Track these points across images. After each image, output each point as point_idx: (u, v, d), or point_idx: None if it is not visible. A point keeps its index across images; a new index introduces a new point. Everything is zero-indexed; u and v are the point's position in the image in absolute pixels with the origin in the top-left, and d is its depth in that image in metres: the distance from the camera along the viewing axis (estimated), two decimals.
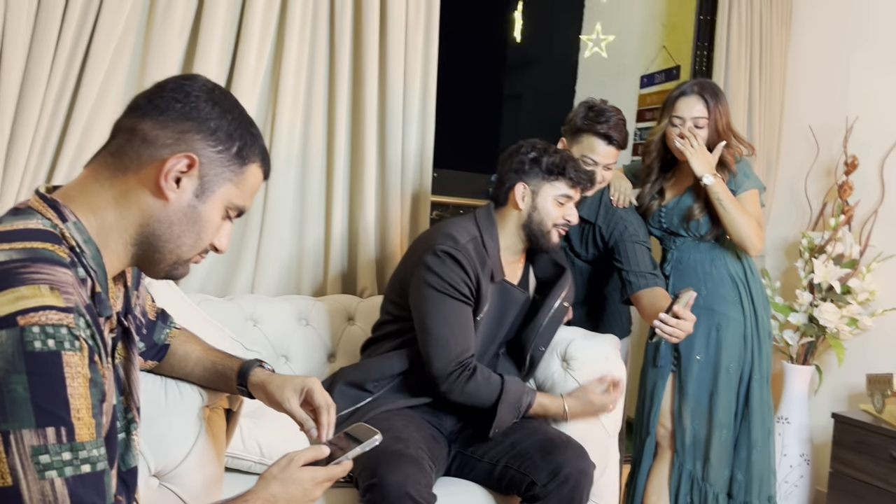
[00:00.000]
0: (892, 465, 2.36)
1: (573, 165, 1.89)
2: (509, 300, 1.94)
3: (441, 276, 1.78)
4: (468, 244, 1.83)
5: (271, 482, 1.04)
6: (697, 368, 2.20)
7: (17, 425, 0.75)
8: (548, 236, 1.91)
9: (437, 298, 1.78)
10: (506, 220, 1.93)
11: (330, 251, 2.41)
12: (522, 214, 1.91)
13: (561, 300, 1.98)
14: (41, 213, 0.90)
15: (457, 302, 1.79)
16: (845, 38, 3.04)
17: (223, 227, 1.02)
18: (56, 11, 1.89)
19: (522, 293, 1.97)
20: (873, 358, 2.81)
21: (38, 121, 1.90)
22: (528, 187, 1.89)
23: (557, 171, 1.87)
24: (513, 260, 1.98)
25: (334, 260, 2.41)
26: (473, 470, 1.83)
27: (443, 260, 1.78)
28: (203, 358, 1.34)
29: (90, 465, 0.79)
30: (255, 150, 1.00)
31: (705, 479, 2.19)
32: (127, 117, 0.96)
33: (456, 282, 1.78)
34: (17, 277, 0.79)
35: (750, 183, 2.20)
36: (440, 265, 1.78)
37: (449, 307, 1.78)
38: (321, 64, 2.36)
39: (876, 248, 2.83)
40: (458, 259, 1.78)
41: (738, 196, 2.19)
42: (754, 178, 2.22)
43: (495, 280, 1.89)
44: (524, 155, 1.90)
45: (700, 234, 2.22)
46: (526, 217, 1.90)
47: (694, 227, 2.21)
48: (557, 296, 1.98)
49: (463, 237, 1.83)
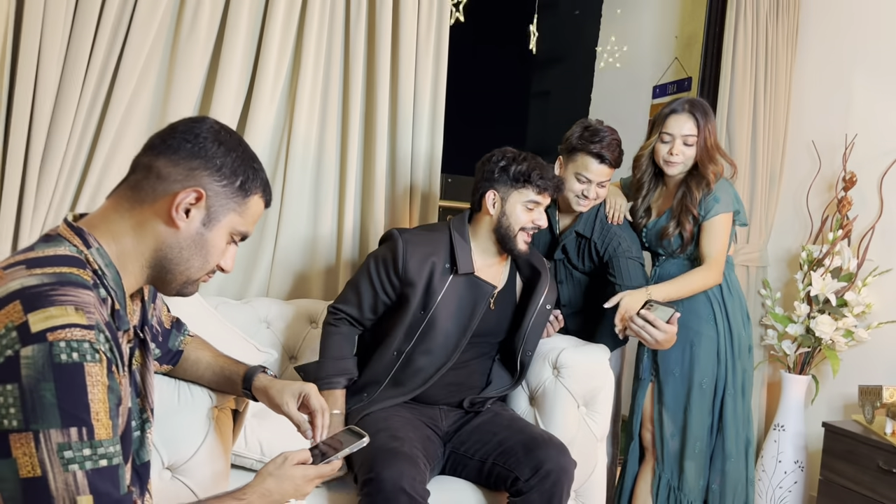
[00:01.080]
0: (880, 475, 2.43)
1: (539, 173, 1.99)
2: (480, 294, 2.04)
3: (374, 254, 2.06)
4: (419, 234, 2.04)
5: (267, 478, 1.18)
6: (673, 382, 2.29)
7: (45, 426, 0.88)
8: (515, 240, 2.02)
9: (362, 267, 2.07)
10: (480, 225, 2.06)
11: (342, 257, 2.53)
12: (493, 219, 2.03)
13: (541, 303, 2.09)
14: (69, 240, 1.03)
15: (370, 278, 2.02)
16: (848, 57, 3.09)
17: (228, 250, 1.15)
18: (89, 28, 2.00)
19: (491, 287, 2.07)
20: (869, 369, 2.88)
21: (70, 135, 2.01)
22: (498, 194, 2.02)
23: (524, 178, 1.98)
24: (492, 262, 2.09)
25: (345, 265, 2.54)
26: (465, 468, 1.95)
27: (385, 239, 2.08)
28: (212, 363, 1.48)
29: (107, 460, 0.92)
30: (256, 183, 1.13)
31: (680, 489, 2.28)
32: (144, 155, 1.09)
33: (378, 262, 2.01)
34: (48, 299, 0.92)
35: (720, 207, 2.23)
36: (382, 240, 2.11)
37: (362, 275, 2.04)
38: (335, 79, 2.49)
39: (873, 262, 2.89)
40: (394, 242, 1.99)
41: (707, 222, 2.23)
42: (726, 201, 2.25)
43: (459, 272, 2.00)
44: (494, 164, 2.03)
45: (672, 250, 2.30)
46: (496, 222, 2.03)
47: (667, 245, 2.29)
48: (538, 299, 2.09)
49: (421, 230, 2.08)
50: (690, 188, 2.25)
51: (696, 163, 2.24)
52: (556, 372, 2.08)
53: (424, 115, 2.59)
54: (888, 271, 2.85)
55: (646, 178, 2.36)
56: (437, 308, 1.98)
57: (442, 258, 2.00)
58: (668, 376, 2.30)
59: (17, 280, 0.94)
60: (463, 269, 2.01)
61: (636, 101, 4.32)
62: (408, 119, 2.55)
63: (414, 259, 1.97)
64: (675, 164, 2.25)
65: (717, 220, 2.23)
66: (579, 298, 2.46)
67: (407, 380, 2.01)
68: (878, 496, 2.44)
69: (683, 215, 2.24)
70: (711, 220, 2.23)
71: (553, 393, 2.06)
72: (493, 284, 2.07)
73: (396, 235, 2.01)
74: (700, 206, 2.22)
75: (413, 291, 1.97)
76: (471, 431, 1.99)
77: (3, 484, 0.89)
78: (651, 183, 2.38)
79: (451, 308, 2.00)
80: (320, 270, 2.53)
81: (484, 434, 1.96)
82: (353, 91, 2.49)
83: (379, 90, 2.50)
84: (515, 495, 1.84)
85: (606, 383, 2.08)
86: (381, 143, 2.52)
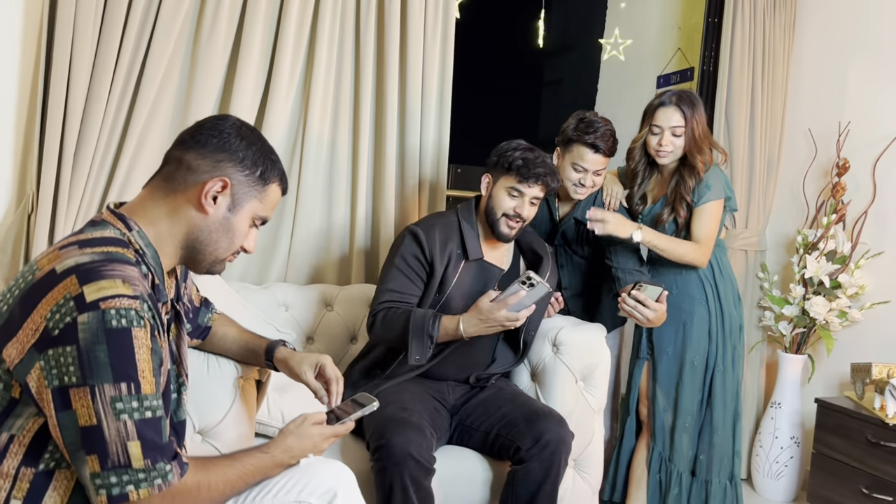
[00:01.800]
0: (869, 448, 2.55)
1: (526, 164, 2.09)
2: (489, 278, 2.19)
3: (397, 245, 2.13)
4: (437, 224, 2.14)
5: (288, 436, 1.32)
6: (666, 360, 2.42)
7: (99, 381, 1.03)
8: (498, 223, 2.15)
9: (389, 261, 2.13)
10: (481, 208, 2.21)
11: (354, 244, 2.67)
12: (485, 201, 2.19)
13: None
14: (113, 224, 1.18)
15: (401, 268, 2.09)
16: (843, 47, 3.19)
17: (251, 233, 1.29)
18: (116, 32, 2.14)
19: (500, 270, 2.21)
20: (862, 348, 2.99)
21: (101, 128, 2.15)
22: (491, 178, 2.17)
23: (510, 165, 2.11)
24: (497, 245, 2.22)
25: (358, 252, 2.68)
26: (471, 438, 2.09)
27: (405, 235, 2.13)
28: (238, 338, 1.64)
29: (151, 412, 1.08)
30: (274, 172, 1.28)
31: (671, 460, 2.41)
32: (175, 149, 1.24)
33: (405, 253, 2.09)
34: (99, 273, 1.07)
35: (711, 194, 2.34)
36: (402, 238, 2.14)
37: (394, 270, 2.10)
38: (347, 76, 2.62)
39: (866, 245, 2.99)
40: (416, 235, 2.10)
41: (698, 208, 2.35)
42: (718, 188, 2.36)
43: (470, 258, 2.14)
44: (497, 151, 2.18)
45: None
46: (486, 204, 2.19)
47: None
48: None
49: (433, 220, 2.18)
50: (683, 177, 2.36)
51: (686, 154, 2.35)
52: (556, 349, 2.21)
53: (432, 109, 2.72)
54: (880, 254, 2.95)
55: (640, 168, 2.47)
56: (451, 292, 2.12)
57: (456, 245, 2.14)
58: (661, 354, 2.43)
59: (71, 258, 1.08)
60: (473, 256, 2.15)
61: (641, 92, 4.42)
62: (416, 112, 2.68)
63: (437, 248, 2.11)
64: (664, 154, 2.36)
65: (708, 206, 2.35)
66: (579, 282, 2.59)
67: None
68: (867, 468, 2.55)
69: (678, 202, 2.36)
70: (703, 206, 2.35)
71: (553, 369, 2.19)
72: (500, 268, 2.20)
73: (416, 230, 2.12)
74: (693, 193, 2.34)
75: (434, 278, 2.12)
76: (476, 405, 2.13)
77: (65, 432, 1.04)
78: (645, 172, 2.49)
79: (462, 291, 2.14)
80: (334, 258, 2.68)
81: (489, 407, 2.10)
82: (363, 87, 2.62)
83: (388, 85, 2.63)
84: (517, 463, 1.98)
85: (603, 360, 2.21)
86: (391, 136, 2.65)
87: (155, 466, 1.07)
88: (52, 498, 1.09)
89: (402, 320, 2.01)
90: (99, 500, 1.05)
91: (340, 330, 2.48)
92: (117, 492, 1.05)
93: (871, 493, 2.51)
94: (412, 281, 2.11)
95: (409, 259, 2.11)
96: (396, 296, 2.09)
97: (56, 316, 1.04)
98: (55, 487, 1.09)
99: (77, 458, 1.05)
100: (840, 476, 2.65)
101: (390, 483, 1.79)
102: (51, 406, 1.04)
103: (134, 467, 1.05)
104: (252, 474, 1.25)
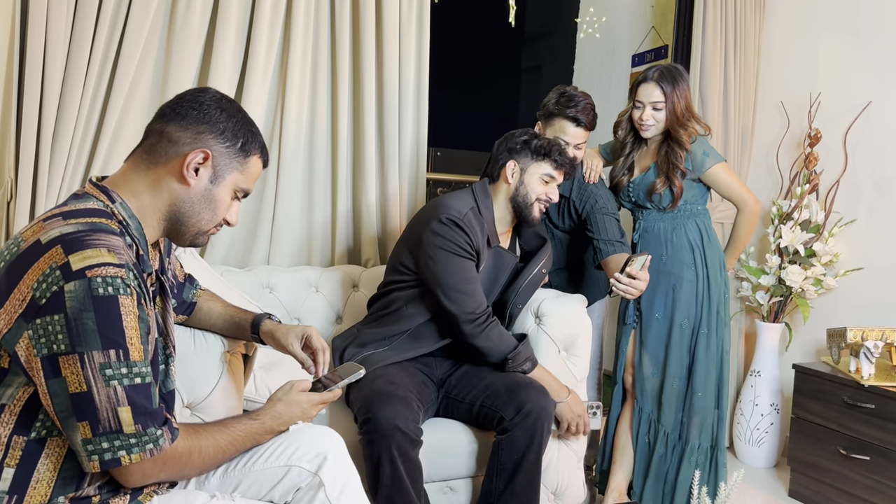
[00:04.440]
0: (845, 409, 2.61)
1: (558, 150, 2.17)
2: (502, 264, 2.23)
3: (449, 239, 2.05)
4: (468, 213, 2.12)
5: (277, 403, 1.35)
6: (655, 325, 2.47)
7: (88, 348, 1.05)
8: (531, 208, 2.18)
9: (450, 258, 2.05)
10: (498, 194, 2.21)
11: (336, 226, 2.69)
12: (511, 188, 2.19)
13: (540, 267, 2.26)
14: (95, 196, 1.19)
15: (465, 260, 2.08)
16: (813, 19, 3.24)
17: (233, 205, 1.31)
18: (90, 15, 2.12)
19: (513, 257, 2.26)
20: (837, 314, 3.06)
21: (78, 114, 2.14)
22: (518, 165, 2.18)
23: (544, 152, 2.16)
24: (504, 230, 2.26)
25: (340, 234, 2.69)
26: (457, 410, 2.12)
27: (448, 226, 2.06)
28: (223, 312, 1.65)
29: (140, 378, 1.09)
30: (255, 145, 1.29)
31: (659, 421, 2.47)
32: (156, 122, 1.25)
33: (461, 243, 2.07)
34: (84, 243, 1.08)
35: (711, 160, 2.43)
36: (447, 230, 2.06)
37: (461, 264, 2.06)
38: (324, 57, 2.62)
39: (839, 214, 3.06)
40: (460, 224, 2.07)
41: (709, 173, 2.42)
42: (713, 153, 2.45)
43: (491, 245, 2.17)
44: (518, 138, 2.20)
45: (662, 206, 2.47)
46: (514, 191, 2.19)
47: (657, 199, 2.46)
48: (538, 263, 2.26)
49: (463, 207, 2.13)
50: (672, 147, 2.41)
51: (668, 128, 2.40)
52: (539, 320, 2.25)
53: (410, 90, 2.73)
54: (853, 222, 3.02)
55: (628, 140, 2.53)
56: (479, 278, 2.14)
57: (485, 234, 2.16)
58: (650, 320, 2.47)
59: (56, 229, 1.10)
60: (493, 243, 2.19)
61: (616, 70, 4.46)
62: (394, 94, 2.69)
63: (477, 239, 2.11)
64: (647, 128, 2.42)
65: (716, 170, 2.43)
66: (561, 256, 2.62)
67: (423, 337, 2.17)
68: (844, 429, 2.62)
69: (672, 171, 2.41)
70: (712, 172, 2.43)
71: (536, 339, 2.23)
72: (512, 254, 2.25)
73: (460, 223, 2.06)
74: (688, 162, 2.40)
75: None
76: (460, 376, 2.16)
77: (55, 399, 1.05)
78: (633, 144, 2.55)
79: (483, 277, 2.17)
80: (317, 239, 2.68)
81: (472, 379, 2.13)
82: (340, 69, 2.62)
83: (365, 67, 2.63)
84: (501, 433, 2.01)
85: (584, 330, 2.25)
86: (370, 118, 2.66)
87: (146, 431, 1.09)
88: (45, 465, 1.11)
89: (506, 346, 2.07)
90: (91, 466, 1.07)
91: (326, 311, 2.50)
92: (109, 457, 1.07)
93: (849, 454, 2.58)
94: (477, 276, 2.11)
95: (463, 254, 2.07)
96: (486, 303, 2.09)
97: (43, 285, 1.05)
98: (47, 455, 1.11)
99: (68, 425, 1.06)
100: (818, 439, 2.71)
101: (378, 455, 1.82)
102: (40, 374, 1.05)
103: (125, 432, 1.07)
104: (242, 440, 1.27)
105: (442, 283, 2.05)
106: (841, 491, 2.64)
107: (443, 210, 2.09)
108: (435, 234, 2.06)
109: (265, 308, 2.29)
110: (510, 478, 1.98)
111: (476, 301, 2.05)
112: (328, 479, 1.30)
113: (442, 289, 2.05)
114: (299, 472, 1.31)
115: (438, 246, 2.05)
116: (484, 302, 2.08)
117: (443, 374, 2.20)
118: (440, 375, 2.20)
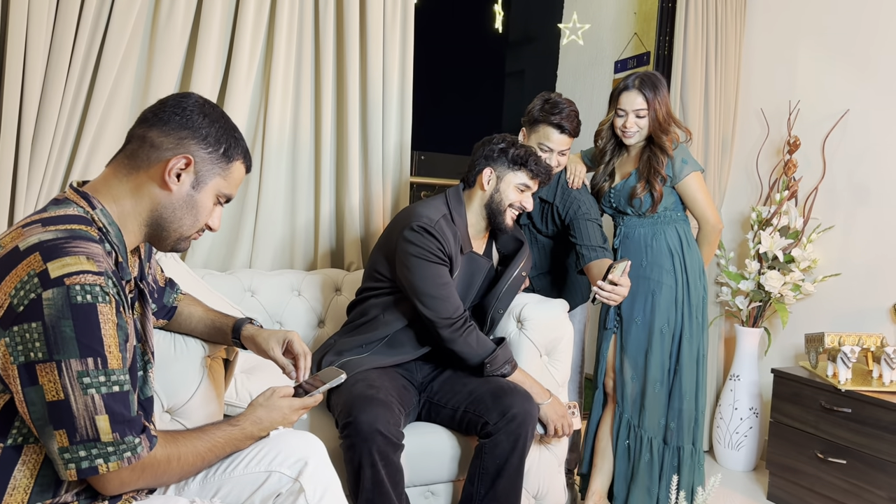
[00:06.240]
0: (822, 413, 2.65)
1: (535, 160, 2.18)
2: (477, 269, 2.23)
3: (421, 246, 2.06)
4: (440, 220, 2.12)
5: (258, 408, 1.35)
6: (635, 330, 2.49)
7: (66, 356, 1.04)
8: (503, 215, 2.19)
9: (423, 265, 2.06)
10: (472, 200, 2.22)
11: (319, 230, 2.68)
12: (486, 195, 2.19)
13: (519, 270, 2.27)
14: (76, 202, 1.19)
15: (439, 266, 2.08)
16: (793, 28, 3.28)
17: (215, 210, 1.30)
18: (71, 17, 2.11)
19: (487, 261, 2.26)
20: (816, 320, 3.10)
21: (58, 118, 2.13)
22: (495, 173, 2.18)
23: (521, 162, 2.16)
24: (479, 236, 2.26)
25: (323, 237, 2.69)
26: (439, 415, 2.12)
27: (420, 233, 2.06)
28: (204, 317, 1.64)
29: (119, 386, 1.08)
30: (238, 150, 1.29)
31: (641, 426, 2.48)
32: (138, 127, 1.24)
33: (433, 250, 2.07)
34: (63, 250, 1.07)
35: (689, 168, 2.46)
36: (419, 238, 2.06)
37: (435, 270, 2.07)
38: (307, 60, 2.62)
39: (817, 220, 3.10)
40: (431, 232, 2.07)
41: (683, 182, 2.45)
42: (692, 161, 2.48)
43: (464, 252, 2.18)
44: (495, 145, 2.19)
45: (642, 211, 2.49)
46: (488, 197, 2.19)
47: (637, 204, 2.48)
48: (516, 266, 2.27)
49: (435, 214, 2.13)
50: (654, 153, 2.44)
51: (651, 134, 2.43)
52: (521, 325, 2.26)
53: (393, 94, 2.73)
54: (831, 228, 3.06)
55: (608, 147, 2.55)
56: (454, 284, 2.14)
57: (458, 241, 2.16)
58: (630, 324, 2.49)
59: (34, 235, 1.09)
60: (467, 249, 2.19)
61: (599, 76, 4.49)
62: (377, 99, 2.69)
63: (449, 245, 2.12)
64: (630, 135, 2.45)
65: (690, 179, 2.46)
66: (544, 261, 2.64)
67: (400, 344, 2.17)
68: (821, 433, 2.66)
69: (652, 176, 2.43)
70: (686, 181, 2.46)
71: (518, 344, 2.24)
72: (486, 258, 2.25)
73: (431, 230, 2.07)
74: (668, 168, 2.42)
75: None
76: (443, 382, 2.16)
77: (32, 407, 1.05)
78: (614, 151, 2.57)
79: (457, 282, 2.17)
80: (300, 243, 2.68)
81: (455, 384, 2.14)
82: (324, 73, 2.62)
83: (349, 71, 2.63)
84: (485, 437, 2.02)
85: (566, 334, 2.27)
86: (353, 122, 2.66)
87: (124, 440, 1.08)
88: (22, 472, 1.10)
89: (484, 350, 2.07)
90: (68, 474, 1.06)
91: (309, 315, 2.49)
92: (86, 465, 1.06)
93: (826, 458, 2.61)
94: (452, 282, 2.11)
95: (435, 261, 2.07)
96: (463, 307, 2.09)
97: (20, 293, 1.04)
98: (24, 462, 1.10)
99: (45, 433, 1.05)
100: (796, 443, 2.75)
101: (359, 459, 1.81)
102: (17, 382, 1.04)
103: (103, 441, 1.06)
104: (222, 447, 1.27)
105: (417, 289, 2.06)
106: (818, 494, 2.67)
107: (414, 218, 2.09)
108: (407, 242, 2.07)
109: (247, 312, 2.29)
110: (492, 482, 1.98)
111: (452, 306, 2.06)
112: (308, 485, 1.30)
113: (418, 295, 2.06)
114: (279, 477, 1.31)
115: (411, 254, 2.06)
116: (460, 306, 2.08)
117: (423, 379, 2.21)
118: (421, 379, 2.20)
